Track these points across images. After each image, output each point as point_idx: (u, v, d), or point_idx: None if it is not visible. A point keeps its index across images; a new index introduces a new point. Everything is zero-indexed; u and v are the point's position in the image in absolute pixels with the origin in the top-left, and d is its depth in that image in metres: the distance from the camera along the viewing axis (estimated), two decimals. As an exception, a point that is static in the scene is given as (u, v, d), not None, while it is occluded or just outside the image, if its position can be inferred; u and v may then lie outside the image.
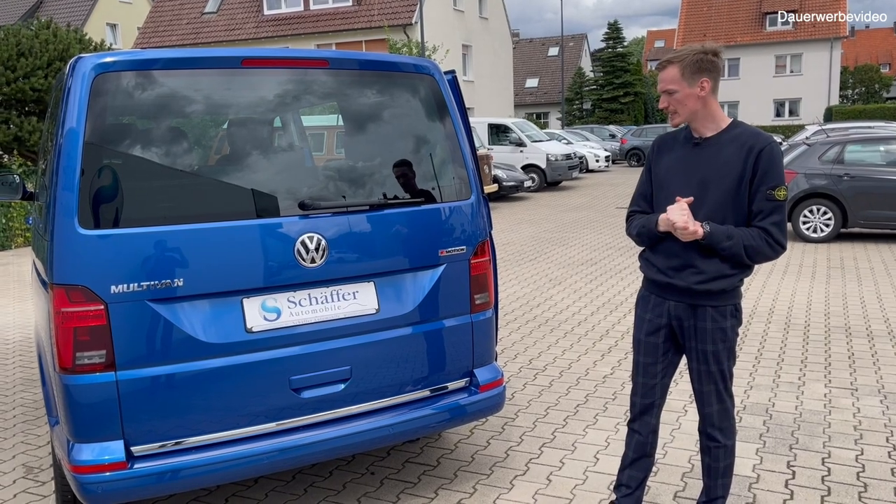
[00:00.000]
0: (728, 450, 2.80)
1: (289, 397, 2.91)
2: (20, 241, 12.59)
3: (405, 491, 3.51)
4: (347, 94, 3.18)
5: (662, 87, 2.67)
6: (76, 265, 2.59)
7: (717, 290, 2.66)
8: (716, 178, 2.63)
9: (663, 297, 2.79)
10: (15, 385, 5.31)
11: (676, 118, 2.68)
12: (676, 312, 2.76)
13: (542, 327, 6.38)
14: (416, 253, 3.16)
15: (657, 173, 2.82)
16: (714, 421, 2.78)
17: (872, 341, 5.70)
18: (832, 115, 34.98)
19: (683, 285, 2.69)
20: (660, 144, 2.87)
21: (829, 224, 10.34)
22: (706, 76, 2.61)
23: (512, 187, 17.00)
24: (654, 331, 2.83)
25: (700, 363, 2.75)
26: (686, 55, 2.61)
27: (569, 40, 56.35)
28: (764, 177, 2.57)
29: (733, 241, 2.57)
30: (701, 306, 2.70)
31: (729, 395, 2.78)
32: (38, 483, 3.73)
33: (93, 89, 2.63)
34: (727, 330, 2.71)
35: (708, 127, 2.68)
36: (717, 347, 2.71)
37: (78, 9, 38.74)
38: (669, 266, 2.73)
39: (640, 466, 2.98)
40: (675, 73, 2.62)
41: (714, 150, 2.66)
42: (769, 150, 2.57)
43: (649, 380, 2.88)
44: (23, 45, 14.08)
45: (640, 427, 2.94)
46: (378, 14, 29.07)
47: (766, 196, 2.57)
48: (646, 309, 2.86)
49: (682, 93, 2.62)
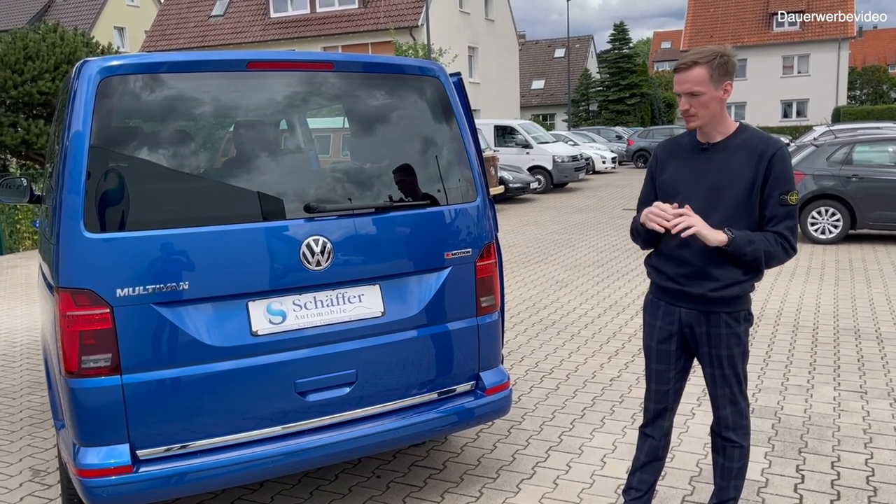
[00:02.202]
0: (744, 450, 2.79)
1: (294, 401, 2.90)
2: (27, 244, 12.64)
3: (411, 494, 3.50)
4: (353, 97, 3.18)
5: (687, 89, 2.54)
6: (82, 269, 2.59)
7: (732, 297, 2.64)
8: (728, 184, 2.58)
9: (674, 304, 2.76)
10: (22, 388, 5.32)
11: (696, 121, 2.59)
12: (688, 320, 2.73)
13: (549, 330, 6.36)
14: (421, 255, 3.15)
15: (663, 181, 2.75)
16: (729, 423, 2.77)
17: (882, 344, 5.66)
18: (840, 116, 34.86)
19: (697, 293, 2.66)
20: (665, 152, 2.80)
21: (838, 225, 10.28)
22: (729, 79, 2.57)
23: (518, 189, 16.98)
24: (667, 338, 2.80)
25: (715, 367, 2.73)
26: (713, 56, 2.51)
27: (575, 42, 56.33)
28: (777, 182, 2.54)
29: (754, 247, 2.54)
30: (714, 313, 2.67)
31: (743, 396, 2.77)
32: (45, 486, 3.73)
33: (99, 92, 2.63)
34: (741, 334, 2.69)
35: (718, 131, 2.63)
36: (732, 352, 2.69)
37: (85, 12, 38.92)
38: (681, 274, 2.68)
39: (651, 470, 2.96)
40: (703, 74, 2.51)
41: (724, 155, 2.61)
42: (780, 155, 2.54)
43: (662, 386, 2.86)
44: (30, 49, 14.15)
45: (653, 431, 2.92)
46: (384, 16, 29.12)
47: (779, 201, 2.55)
48: (655, 316, 2.83)
49: (708, 95, 2.53)
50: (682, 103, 2.59)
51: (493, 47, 35.40)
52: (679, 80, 2.57)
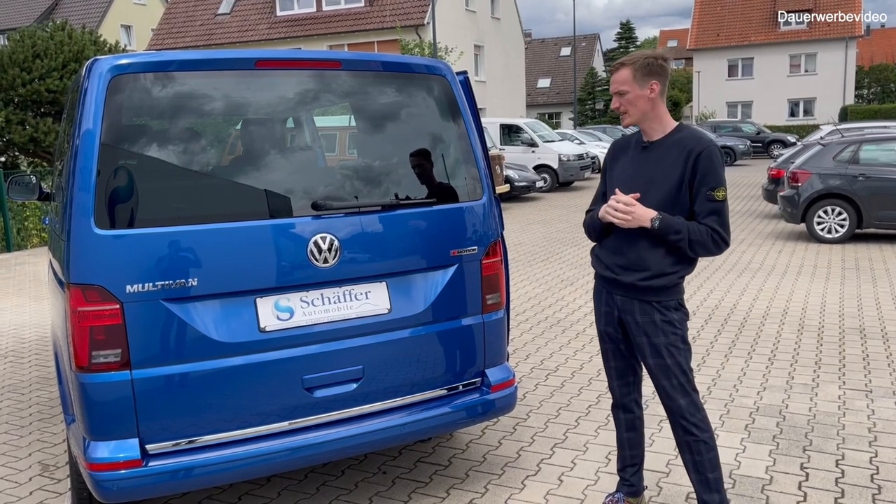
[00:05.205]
0: (709, 443, 2.82)
1: (301, 396, 2.93)
2: (35, 241, 12.72)
3: (417, 490, 3.52)
4: (360, 95, 3.20)
5: (615, 88, 2.79)
6: (92, 265, 2.62)
7: (659, 287, 2.78)
8: (659, 180, 2.76)
9: (611, 291, 2.93)
10: (31, 383, 5.37)
11: (627, 118, 2.81)
12: (623, 306, 2.88)
13: (554, 328, 6.37)
14: (427, 253, 3.17)
15: (612, 176, 2.96)
16: (685, 414, 2.81)
17: (887, 343, 5.65)
18: (847, 115, 34.69)
19: (628, 281, 2.82)
20: (615, 149, 3.01)
21: (844, 225, 10.26)
22: (655, 79, 2.74)
23: (524, 188, 16.98)
24: (611, 321, 2.97)
25: (655, 357, 2.82)
26: (637, 59, 2.76)
27: (581, 40, 56.24)
28: (703, 179, 2.69)
29: (681, 236, 2.69)
30: (646, 301, 2.81)
31: (693, 388, 2.83)
32: (54, 481, 3.77)
33: (109, 90, 2.66)
34: (675, 322, 2.81)
35: (656, 130, 2.81)
36: (668, 339, 2.80)
37: (93, 10, 39.07)
38: (616, 263, 2.87)
39: (634, 441, 3.13)
40: (626, 74, 2.75)
41: (659, 153, 2.79)
42: (707, 154, 2.70)
43: (619, 362, 3.03)
44: (38, 47, 14.22)
45: (624, 407, 3.10)
46: (390, 15, 29.13)
47: (706, 197, 2.70)
48: (600, 301, 3.01)
49: (632, 94, 2.75)
50: (613, 102, 2.84)
51: (499, 46, 35.38)
52: (611, 80, 2.85)
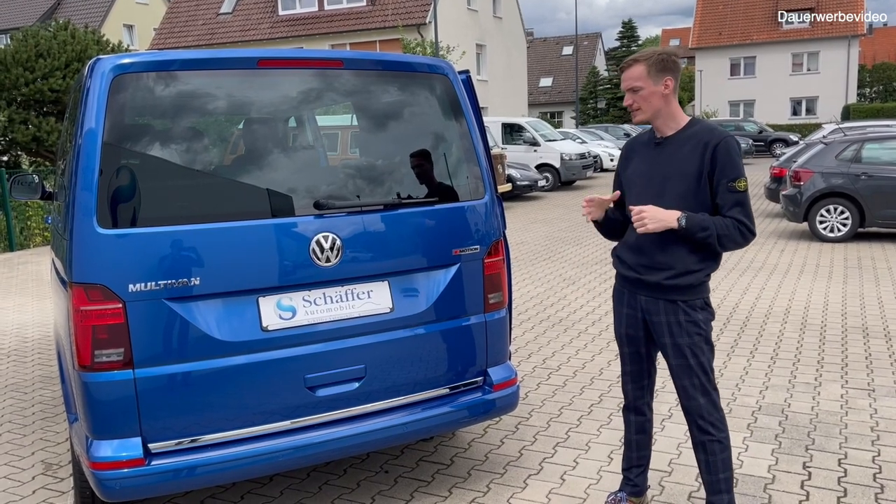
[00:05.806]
0: (723, 443, 2.83)
1: (304, 395, 2.93)
2: (38, 241, 12.74)
3: (419, 489, 3.53)
4: (362, 94, 3.20)
5: (628, 85, 2.76)
6: (95, 264, 2.62)
7: (686, 285, 2.75)
8: (675, 175, 2.75)
9: (635, 291, 2.90)
10: (34, 382, 5.38)
11: (640, 115, 2.79)
12: (648, 307, 2.86)
13: (556, 327, 6.37)
14: (430, 252, 3.17)
15: (626, 176, 2.94)
16: (703, 413, 2.81)
17: (890, 341, 5.65)
18: (850, 114, 34.64)
19: (653, 281, 2.79)
20: (627, 149, 2.99)
21: (847, 223, 10.24)
22: (669, 75, 2.74)
23: (526, 187, 16.97)
24: (633, 323, 2.94)
25: (678, 358, 2.81)
26: (651, 55, 2.74)
27: (583, 39, 56.20)
28: (723, 171, 2.67)
29: (709, 232, 2.66)
30: (671, 301, 2.78)
31: (713, 387, 2.83)
32: (57, 479, 3.78)
33: (111, 90, 2.66)
34: (700, 322, 2.78)
35: (669, 126, 2.79)
36: (692, 340, 2.78)
37: (95, 10, 39.10)
38: (639, 263, 2.84)
39: (642, 444, 3.13)
40: (641, 70, 2.73)
41: (674, 147, 2.77)
42: (724, 145, 2.67)
43: (636, 366, 3.02)
44: (41, 47, 14.25)
45: (636, 410, 3.09)
46: (392, 14, 29.12)
47: (728, 188, 2.68)
48: (622, 303, 2.98)
49: (647, 90, 2.73)
50: (626, 99, 2.80)
51: (500, 45, 35.36)
52: (623, 77, 2.80)
